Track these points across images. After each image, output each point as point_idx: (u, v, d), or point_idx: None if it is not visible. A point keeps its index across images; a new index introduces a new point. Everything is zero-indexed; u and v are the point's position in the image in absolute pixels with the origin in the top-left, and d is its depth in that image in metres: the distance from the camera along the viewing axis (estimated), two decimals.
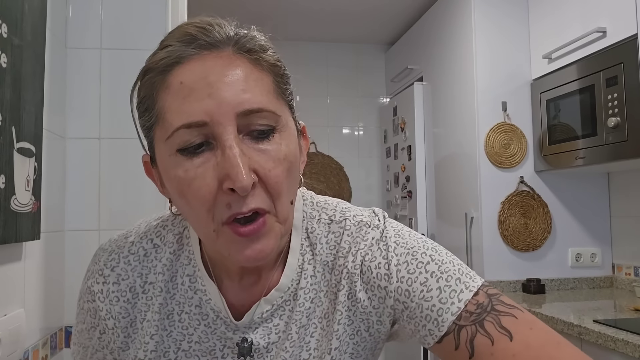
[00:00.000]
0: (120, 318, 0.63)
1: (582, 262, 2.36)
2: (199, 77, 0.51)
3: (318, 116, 3.65)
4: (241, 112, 0.51)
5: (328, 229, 0.64)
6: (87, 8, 1.31)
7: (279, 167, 0.52)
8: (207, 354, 0.62)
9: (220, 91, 0.51)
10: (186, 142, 0.51)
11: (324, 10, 3.14)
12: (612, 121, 1.84)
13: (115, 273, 0.63)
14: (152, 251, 0.64)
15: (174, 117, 0.51)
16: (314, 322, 0.62)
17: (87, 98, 1.31)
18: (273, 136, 0.53)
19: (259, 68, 0.54)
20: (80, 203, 1.29)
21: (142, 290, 0.63)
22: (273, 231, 0.54)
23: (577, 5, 2.07)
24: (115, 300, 0.63)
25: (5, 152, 0.89)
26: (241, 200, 0.51)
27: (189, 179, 0.51)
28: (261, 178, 0.52)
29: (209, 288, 0.62)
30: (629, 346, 1.39)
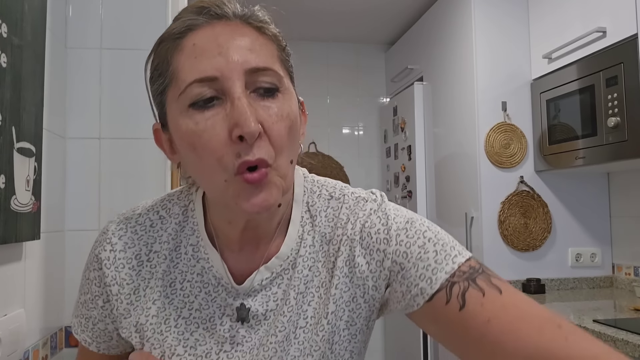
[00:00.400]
0: (125, 284, 0.65)
1: (582, 262, 2.36)
2: (210, 39, 0.56)
3: (318, 116, 3.65)
4: (249, 69, 0.55)
5: (327, 204, 0.68)
6: (87, 8, 1.31)
7: (281, 122, 0.57)
8: (206, 321, 0.65)
9: (230, 50, 0.55)
10: (198, 95, 0.55)
11: (324, 10, 3.14)
12: (612, 121, 1.84)
13: (122, 241, 0.66)
14: (158, 222, 0.68)
15: (187, 73, 0.56)
16: (312, 290, 0.65)
17: (87, 98, 1.30)
18: (277, 95, 0.57)
19: (264, 36, 0.59)
20: (80, 203, 1.29)
21: (147, 258, 0.66)
22: (275, 184, 0.57)
23: (577, 5, 2.07)
24: (121, 267, 0.66)
25: (5, 152, 0.89)
26: (249, 149, 0.54)
27: (200, 131, 0.55)
28: (265, 130, 0.55)
29: (211, 256, 0.65)
30: (629, 346, 1.39)
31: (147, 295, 0.65)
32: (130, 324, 0.66)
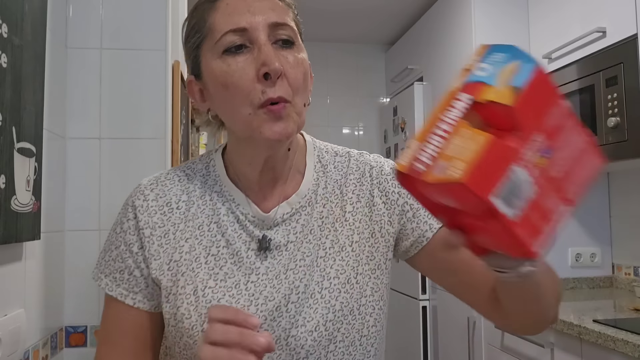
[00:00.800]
0: (157, 227, 0.74)
1: (582, 262, 2.36)
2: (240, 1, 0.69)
3: (318, 116, 3.65)
4: (271, 23, 0.68)
5: (334, 159, 0.81)
6: (87, 8, 1.31)
7: (297, 68, 0.68)
8: (233, 255, 0.73)
9: (256, 9, 0.68)
10: (230, 42, 0.67)
11: (324, 10, 3.14)
12: (612, 121, 1.84)
13: (154, 193, 0.76)
14: (184, 177, 0.78)
15: (222, 25, 0.68)
16: (328, 226, 0.75)
17: (87, 98, 1.31)
18: (293, 47, 0.70)
19: (282, 3, 0.72)
20: (80, 203, 1.29)
21: (177, 206, 0.75)
22: (292, 118, 0.68)
23: (577, 6, 2.07)
24: (154, 212, 0.74)
25: (5, 152, 0.89)
26: (272, 87, 0.65)
27: (232, 72, 0.67)
28: (285, 73, 0.67)
29: (236, 196, 0.75)
30: (629, 346, 1.39)
31: (177, 238, 0.73)
32: (161, 263, 0.73)
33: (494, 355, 2.19)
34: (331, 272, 0.73)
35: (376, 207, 0.77)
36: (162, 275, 0.72)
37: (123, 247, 0.74)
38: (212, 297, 0.70)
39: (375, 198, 0.78)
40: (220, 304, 0.69)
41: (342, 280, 0.73)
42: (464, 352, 2.43)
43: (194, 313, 0.70)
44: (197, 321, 0.69)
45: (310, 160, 0.80)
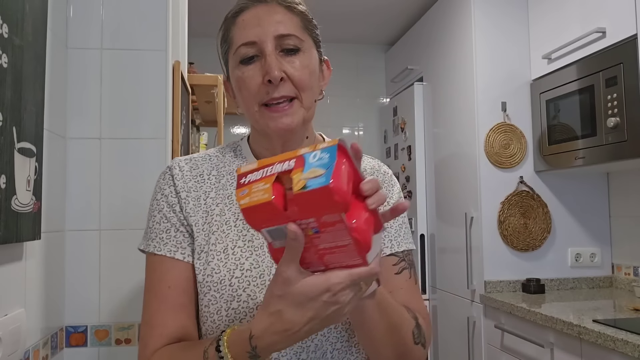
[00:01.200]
0: (192, 191, 0.84)
1: (582, 262, 2.36)
2: (252, 17, 0.81)
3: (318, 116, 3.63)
4: (277, 35, 0.79)
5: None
6: (87, 8, 1.32)
7: (302, 70, 0.80)
8: None
9: (265, 23, 0.79)
10: (244, 54, 0.80)
11: (324, 11, 3.14)
12: (612, 121, 1.84)
13: (188, 166, 0.86)
14: (215, 157, 0.89)
15: (237, 39, 0.81)
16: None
17: (87, 98, 1.31)
18: (298, 54, 0.80)
19: (291, 13, 0.82)
20: (80, 203, 1.29)
21: (208, 177, 0.86)
22: (297, 112, 0.80)
23: (577, 6, 2.07)
24: (188, 179, 0.85)
25: (6, 152, 0.89)
26: (275, 89, 0.78)
27: (244, 77, 0.80)
28: (289, 76, 0.78)
29: None
30: (629, 346, 1.39)
31: (209, 203, 0.83)
32: (196, 221, 0.82)
33: (494, 355, 2.19)
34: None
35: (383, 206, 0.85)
36: (198, 233, 0.81)
37: (167, 209, 0.83)
38: (241, 255, 0.80)
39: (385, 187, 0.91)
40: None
41: None
42: (464, 352, 2.43)
43: (223, 268, 0.79)
44: (226, 276, 0.78)
45: None
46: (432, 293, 2.85)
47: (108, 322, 1.28)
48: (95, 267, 1.28)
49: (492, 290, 2.29)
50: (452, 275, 2.62)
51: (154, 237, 0.83)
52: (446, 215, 2.71)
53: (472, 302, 2.39)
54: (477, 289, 2.34)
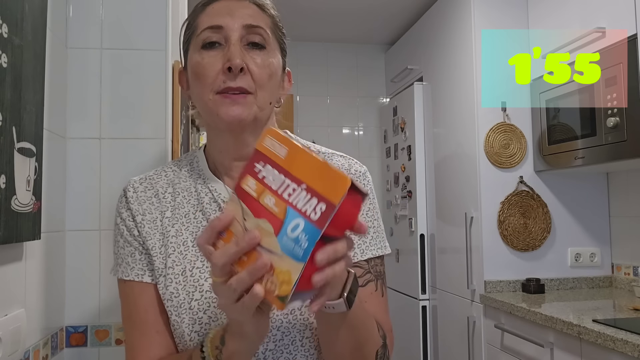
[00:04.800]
0: (147, 213, 0.81)
1: (582, 262, 2.36)
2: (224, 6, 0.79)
3: (318, 116, 3.65)
4: (246, 25, 0.77)
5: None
6: (87, 8, 1.31)
7: (263, 68, 0.77)
8: None
9: (236, 12, 0.78)
10: (207, 38, 0.77)
11: (324, 10, 3.14)
12: (612, 121, 1.84)
13: (142, 186, 0.84)
14: (171, 172, 0.86)
15: (203, 23, 0.79)
16: None
17: (87, 98, 1.31)
18: (262, 50, 0.78)
19: (263, 12, 0.81)
20: (80, 203, 1.29)
21: (164, 196, 0.83)
22: (249, 107, 0.77)
23: (577, 6, 2.07)
24: (143, 201, 0.82)
25: (5, 152, 0.89)
26: (233, 79, 0.75)
27: (204, 63, 0.77)
28: (249, 69, 0.76)
29: (217, 186, 0.83)
30: (628, 346, 1.39)
31: (165, 224, 0.80)
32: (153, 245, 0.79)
33: (493, 355, 2.19)
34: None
35: None
36: (156, 256, 0.79)
37: (127, 233, 0.81)
38: (200, 276, 0.77)
39: None
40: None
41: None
42: (464, 352, 2.43)
43: (182, 292, 0.76)
44: (185, 299, 0.76)
45: None
46: (432, 293, 2.85)
47: (108, 322, 1.28)
48: (95, 267, 1.28)
49: (492, 290, 2.29)
50: (452, 275, 2.62)
51: (121, 262, 0.81)
52: (446, 215, 2.71)
53: (472, 302, 2.39)
54: (477, 289, 2.34)
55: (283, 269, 0.55)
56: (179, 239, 0.79)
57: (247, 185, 0.57)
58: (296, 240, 0.55)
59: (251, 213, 0.57)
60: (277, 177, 0.56)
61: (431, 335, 2.84)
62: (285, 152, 0.56)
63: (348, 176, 0.53)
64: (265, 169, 0.57)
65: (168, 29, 1.35)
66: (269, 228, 0.56)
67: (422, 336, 2.84)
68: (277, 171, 0.56)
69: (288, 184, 0.56)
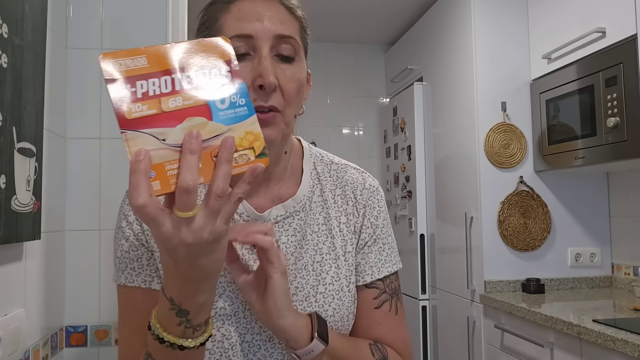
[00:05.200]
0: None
1: (582, 262, 2.36)
2: (251, 7, 0.72)
3: (318, 116, 3.65)
4: (278, 35, 0.71)
5: (330, 167, 0.85)
6: (87, 8, 1.32)
7: (293, 82, 0.72)
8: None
9: (265, 19, 0.71)
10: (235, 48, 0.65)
11: (323, 11, 3.14)
12: (612, 121, 1.84)
13: None
14: None
15: (230, 29, 0.71)
16: (324, 232, 0.79)
17: (87, 98, 1.31)
18: (292, 63, 0.73)
19: (292, 16, 0.75)
20: (80, 203, 1.29)
21: None
22: (278, 126, 0.72)
23: (577, 6, 2.07)
24: None
25: (5, 152, 0.89)
26: (265, 97, 0.69)
27: None
28: (280, 86, 0.71)
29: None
30: (628, 346, 1.39)
31: None
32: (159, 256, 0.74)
33: (493, 355, 2.19)
34: (327, 278, 0.76)
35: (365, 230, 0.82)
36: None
37: (133, 238, 0.76)
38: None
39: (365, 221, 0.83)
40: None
41: (336, 287, 0.77)
42: (464, 352, 2.43)
43: None
44: None
45: (307, 166, 0.84)
46: (432, 293, 2.86)
47: (108, 322, 1.28)
48: (95, 267, 1.28)
49: (492, 290, 2.29)
50: (452, 275, 2.62)
51: (124, 267, 0.76)
52: (446, 215, 2.71)
53: (472, 302, 2.39)
54: (477, 289, 2.34)
55: (242, 135, 0.53)
56: None
57: (136, 112, 0.50)
58: (232, 105, 0.53)
59: (167, 128, 0.51)
60: (162, 80, 0.52)
61: (431, 335, 2.84)
62: (144, 60, 0.52)
63: (218, 39, 0.55)
64: (141, 86, 0.51)
65: (168, 29, 1.35)
66: (198, 120, 0.52)
67: (422, 336, 2.84)
68: (155, 78, 0.52)
69: (179, 76, 0.52)
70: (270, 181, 0.80)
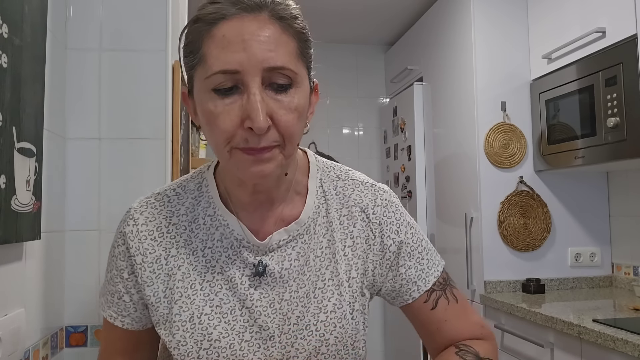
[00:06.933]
0: (147, 254, 0.73)
1: (582, 261, 2.36)
2: (237, 33, 0.62)
3: (318, 116, 3.65)
4: (267, 67, 0.62)
5: (336, 184, 0.80)
6: (87, 9, 1.32)
7: (290, 114, 0.64)
8: (228, 282, 0.72)
9: (252, 48, 0.62)
10: (220, 84, 0.63)
11: (323, 11, 3.14)
12: (612, 121, 1.84)
13: (143, 216, 0.75)
14: (175, 198, 0.77)
15: (213, 62, 0.63)
16: (328, 256, 0.75)
17: (87, 98, 1.31)
18: (289, 90, 0.65)
19: (287, 34, 0.65)
20: (80, 203, 1.29)
21: (167, 230, 0.74)
22: (275, 159, 0.65)
23: (577, 6, 2.07)
24: (144, 238, 0.73)
25: (5, 152, 0.89)
26: (256, 138, 0.63)
27: (217, 113, 0.63)
28: (275, 122, 0.63)
29: (230, 221, 0.74)
30: (629, 346, 1.39)
31: (170, 264, 0.73)
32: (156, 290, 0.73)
33: None
34: (329, 306, 0.73)
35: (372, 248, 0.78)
36: (158, 302, 0.73)
37: (115, 272, 0.76)
38: (209, 323, 0.71)
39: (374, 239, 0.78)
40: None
41: (339, 315, 0.73)
42: None
43: (190, 340, 0.70)
44: (193, 348, 0.70)
45: (313, 184, 0.78)
46: None
47: None
48: (95, 267, 1.28)
49: (492, 290, 2.29)
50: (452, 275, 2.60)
51: (104, 293, 0.78)
52: (446, 216, 2.71)
53: (472, 302, 2.39)
54: (477, 289, 2.34)
55: None
56: (186, 282, 0.72)
57: None
58: None
59: None
60: None
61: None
62: None
63: None
64: None
65: (168, 29, 1.35)
66: None
67: None
68: None
69: None
70: (273, 204, 0.75)
